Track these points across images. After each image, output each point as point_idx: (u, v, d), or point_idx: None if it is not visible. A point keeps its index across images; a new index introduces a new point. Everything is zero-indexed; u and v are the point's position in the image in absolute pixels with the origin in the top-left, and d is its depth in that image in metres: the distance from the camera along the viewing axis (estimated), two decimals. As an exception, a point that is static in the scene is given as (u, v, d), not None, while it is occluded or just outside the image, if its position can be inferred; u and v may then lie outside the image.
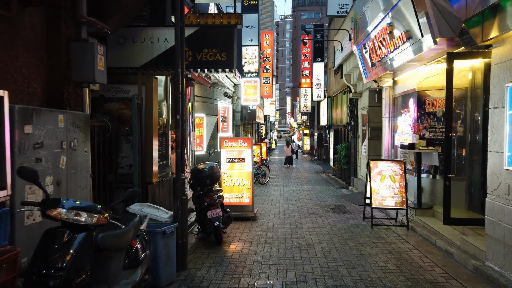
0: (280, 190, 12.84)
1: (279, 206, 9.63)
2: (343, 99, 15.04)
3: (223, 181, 7.92)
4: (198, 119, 12.35)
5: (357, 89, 12.35)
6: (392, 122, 9.41)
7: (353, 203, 10.01)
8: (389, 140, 9.45)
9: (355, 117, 13.00)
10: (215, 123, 13.59)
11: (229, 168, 7.95)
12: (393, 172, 7.31)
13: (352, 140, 13.67)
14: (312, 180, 16.31)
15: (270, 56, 24.03)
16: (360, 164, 12.50)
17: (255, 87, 15.95)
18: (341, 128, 17.27)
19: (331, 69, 20.21)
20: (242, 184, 7.91)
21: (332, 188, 13.40)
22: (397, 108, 9.27)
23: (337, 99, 16.87)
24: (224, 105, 14.76)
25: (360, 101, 12.52)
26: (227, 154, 7.98)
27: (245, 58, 15.98)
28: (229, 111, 15.52)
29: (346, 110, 14.56)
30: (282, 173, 19.37)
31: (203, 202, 5.73)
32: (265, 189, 13.11)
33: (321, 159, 27.88)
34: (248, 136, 7.72)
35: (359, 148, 12.74)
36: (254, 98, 16.02)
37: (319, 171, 20.83)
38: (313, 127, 34.29)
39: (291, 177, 17.37)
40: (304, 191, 12.41)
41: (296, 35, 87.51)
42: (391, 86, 9.31)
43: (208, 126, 13.00)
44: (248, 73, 16.02)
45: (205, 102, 12.82)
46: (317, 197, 11.22)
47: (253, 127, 24.72)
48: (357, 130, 12.93)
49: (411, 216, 7.28)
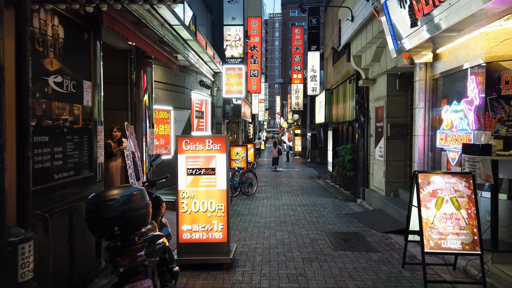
0: (270, 204, 9.96)
1: (269, 235, 6.74)
2: (348, 90, 12.24)
3: (181, 205, 5.01)
4: (163, 113, 9.37)
5: (370, 74, 9.56)
6: (429, 114, 6.62)
7: (372, 227, 7.19)
8: (426, 140, 6.66)
9: (365, 111, 10.21)
10: (188, 119, 10.64)
11: (190, 185, 5.04)
12: (456, 193, 4.48)
13: (360, 140, 10.88)
14: (308, 188, 13.47)
15: (259, 45, 21.17)
16: (373, 171, 9.70)
17: (240, 76, 13.07)
18: (342, 126, 14.48)
19: (329, 59, 17.44)
20: (212, 210, 5.01)
21: (336, 201, 10.57)
22: (437, 93, 6.49)
23: (338, 91, 14.08)
24: (201, 97, 11.83)
25: (373, 90, 9.73)
26: (188, 163, 5.07)
27: (227, 40, 13.09)
28: (207, 105, 12.60)
29: (351, 104, 11.76)
30: (272, 179, 16.51)
31: (116, 266, 2.82)
32: (251, 203, 10.22)
33: (315, 162, 25.13)
34: (222, 135, 4.52)
35: (371, 151, 9.94)
36: (238, 89, 13.13)
37: (315, 176, 18.03)
38: (305, 127, 31.55)
39: (283, 184, 14.51)
40: (301, 207, 9.55)
41: (286, 32, 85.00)
42: (429, 63, 6.52)
43: (178, 123, 10.03)
44: (231, 58, 13.13)
45: (172, 91, 9.86)
46: (319, 216, 8.37)
47: (239, 126, 21.83)
48: (368, 128, 10.14)
49: (486, 265, 4.46)
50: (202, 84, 11.47)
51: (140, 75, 7.78)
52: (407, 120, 8.61)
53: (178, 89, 10.02)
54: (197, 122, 11.43)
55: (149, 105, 7.95)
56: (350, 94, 11.96)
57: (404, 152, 8.70)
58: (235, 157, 15.35)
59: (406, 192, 8.23)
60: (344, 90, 13.01)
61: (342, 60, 13.78)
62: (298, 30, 31.39)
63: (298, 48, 30.62)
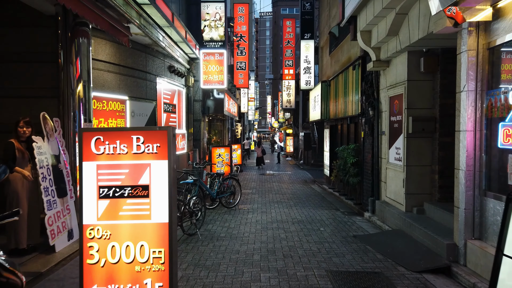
0: (256, 221, 7.81)
1: (249, 279, 4.59)
2: (350, 79, 10.17)
3: (87, 252, 2.84)
4: (114, 103, 7.17)
5: (382, 55, 7.48)
6: (483, 99, 4.55)
7: (396, 261, 5.08)
8: (478, 137, 4.58)
9: (375, 102, 8.13)
10: (152, 113, 8.46)
11: (105, 216, 2.87)
12: None
13: (368, 139, 8.80)
14: (303, 196, 11.36)
15: (246, 34, 19.02)
16: (386, 178, 7.62)
17: (220, 62, 10.90)
18: (342, 123, 12.41)
19: (325, 48, 15.38)
20: (143, 260, 2.85)
21: (338, 215, 8.47)
22: (494, 69, 4.42)
23: (337, 82, 12.01)
24: (171, 86, 9.65)
25: (387, 75, 7.65)
26: (102, 177, 2.89)
27: (205, 20, 10.93)
28: (181, 97, 10.42)
29: (355, 96, 9.69)
30: (260, 184, 14.36)
31: None
32: (232, 218, 8.06)
33: (308, 164, 23.09)
34: (162, 127, 2.01)
35: (382, 152, 7.87)
36: (218, 78, 10.96)
37: (309, 181, 15.95)
38: (297, 126, 29.50)
39: (273, 191, 12.38)
40: (296, 224, 7.42)
41: (277, 31, 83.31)
42: (482, 25, 4.45)
43: (136, 117, 7.84)
44: (210, 42, 10.97)
45: (129, 76, 7.66)
46: (320, 241, 6.25)
47: (225, 124, 19.67)
48: (378, 124, 8.06)
49: None
50: (173, 71, 9.30)
51: (72, 50, 5.59)
52: (434, 113, 6.54)
53: (137, 74, 7.83)
54: (167, 117, 9.25)
55: (85, 91, 5.76)
56: (353, 84, 9.88)
57: (430, 155, 6.63)
58: (216, 159, 13.19)
59: (435, 208, 6.15)
60: (345, 80, 10.93)
61: (342, 46, 11.72)
62: (290, 23, 29.39)
63: (289, 42, 28.66)
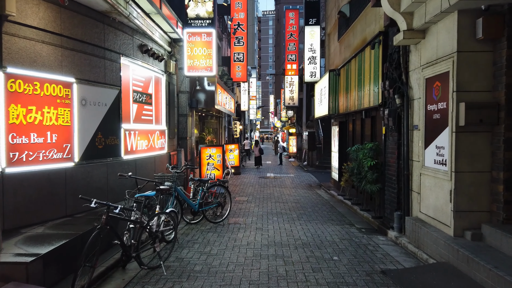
0: (247, 243, 5.89)
1: None
2: (367, 62, 8.24)
3: None
4: (52, 86, 5.28)
5: (416, 22, 5.55)
6: None
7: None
8: None
9: (404, 87, 6.21)
10: (115, 103, 6.58)
11: None
12: None
13: (392, 135, 6.89)
14: (308, 205, 9.44)
15: (244, 23, 17.11)
16: (421, 188, 5.68)
17: (208, 44, 9.00)
18: (354, 118, 10.49)
19: (332, 34, 13.47)
20: None
21: (354, 234, 6.55)
22: None
23: (349, 70, 10.09)
24: (145, 72, 7.77)
25: (421, 49, 5.73)
26: None
27: (191, -7, 9.04)
28: (159, 86, 8.54)
29: (373, 83, 7.78)
30: (258, 189, 12.45)
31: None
32: (217, 239, 6.14)
33: (313, 165, 21.18)
34: None
35: (414, 153, 5.95)
36: (206, 64, 9.06)
37: (314, 185, 14.04)
38: (300, 125, 27.57)
39: (273, 198, 10.46)
40: (301, 249, 5.50)
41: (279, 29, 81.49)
42: None
43: (90, 107, 5.95)
44: (196, 19, 9.07)
45: (76, 50, 5.75)
46: (335, 281, 4.32)
47: (221, 122, 17.76)
48: (409, 115, 6.14)
49: None
50: (147, 51, 7.42)
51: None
52: (497, 97, 4.62)
53: (91, 50, 5.94)
54: (137, 109, 7.37)
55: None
56: (371, 68, 7.96)
57: (489, 156, 4.70)
58: (207, 161, 11.31)
59: (501, 234, 4.23)
60: (359, 65, 9.01)
61: (355, 26, 9.81)
62: (293, 14, 27.60)
63: (292, 35, 26.86)
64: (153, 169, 7.94)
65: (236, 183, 14.23)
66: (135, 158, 7.13)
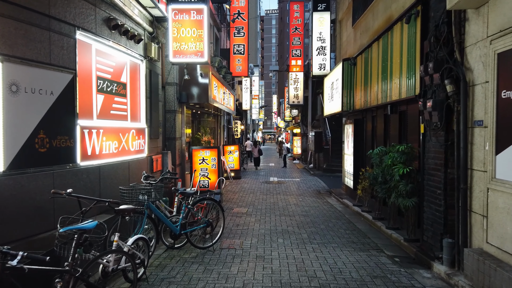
0: (244, 285, 4.27)
1: None
2: (396, 43, 6.54)
3: None
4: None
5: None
6: None
7: None
8: None
9: (459, 68, 4.53)
10: (67, 91, 4.88)
11: None
12: None
13: (436, 135, 5.21)
14: (320, 221, 7.77)
15: (245, 11, 15.46)
16: (486, 209, 4.01)
17: (199, 24, 7.37)
18: (374, 115, 8.82)
19: (344, 21, 11.83)
20: None
21: (386, 267, 4.87)
22: None
23: (369, 57, 8.41)
24: (117, 54, 6.11)
25: (487, 15, 4.06)
26: None
27: (177, -38, 7.40)
28: (137, 74, 6.90)
29: (405, 69, 6.11)
30: (261, 197, 10.78)
31: None
32: (202, 275, 4.46)
33: (320, 168, 19.49)
34: None
35: (477, 160, 4.27)
36: (195, 48, 7.42)
37: (323, 191, 12.38)
38: (306, 124, 25.87)
39: (277, 210, 8.78)
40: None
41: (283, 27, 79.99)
42: None
43: (27, 96, 4.22)
44: (183, -7, 7.42)
45: (4, 15, 4.01)
46: None
47: (220, 121, 16.12)
48: (467, 107, 4.46)
49: None
50: (116, 28, 5.80)
51: None
52: None
53: (27, 17, 4.29)
54: (104, 101, 5.73)
55: None
56: (402, 49, 6.28)
57: None
58: (200, 165, 9.67)
59: None
60: (384, 49, 7.34)
61: (375, 5, 8.17)
62: (298, 6, 25.93)
63: (297, 29, 25.24)
64: (126, 179, 6.29)
65: (236, 189, 12.58)
66: (99, 164, 5.48)
